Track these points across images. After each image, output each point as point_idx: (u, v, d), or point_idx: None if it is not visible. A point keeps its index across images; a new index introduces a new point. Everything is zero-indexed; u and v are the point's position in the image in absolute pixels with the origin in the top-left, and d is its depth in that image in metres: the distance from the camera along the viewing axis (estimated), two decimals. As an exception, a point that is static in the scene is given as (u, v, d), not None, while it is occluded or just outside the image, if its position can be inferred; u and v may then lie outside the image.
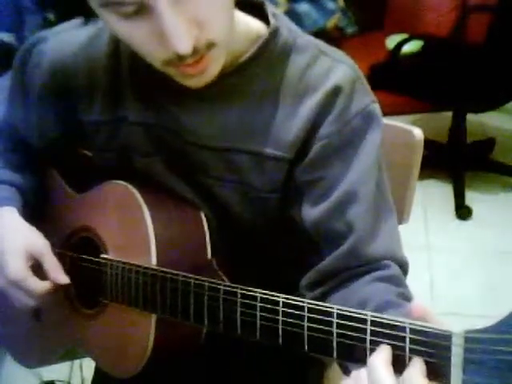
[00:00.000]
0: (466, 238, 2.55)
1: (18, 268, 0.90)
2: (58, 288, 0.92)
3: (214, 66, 0.77)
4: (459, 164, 2.87)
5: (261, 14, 0.86)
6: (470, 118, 2.87)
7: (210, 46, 0.74)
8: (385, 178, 0.87)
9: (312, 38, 0.88)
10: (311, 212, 0.85)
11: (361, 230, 0.83)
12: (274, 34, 0.84)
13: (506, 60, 2.55)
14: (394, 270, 0.84)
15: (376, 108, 0.86)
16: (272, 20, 0.85)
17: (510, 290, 2.25)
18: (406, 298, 0.80)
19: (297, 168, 0.85)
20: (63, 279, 0.92)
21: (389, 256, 0.84)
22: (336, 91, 0.83)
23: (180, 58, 0.72)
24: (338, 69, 0.84)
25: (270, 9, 0.87)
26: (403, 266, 0.86)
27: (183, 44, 0.69)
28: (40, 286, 0.91)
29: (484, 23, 2.55)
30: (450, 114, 2.91)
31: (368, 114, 0.85)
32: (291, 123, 0.84)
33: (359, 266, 0.83)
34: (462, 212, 2.67)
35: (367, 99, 0.85)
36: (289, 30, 0.86)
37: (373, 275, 0.82)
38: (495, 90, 2.65)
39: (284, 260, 0.91)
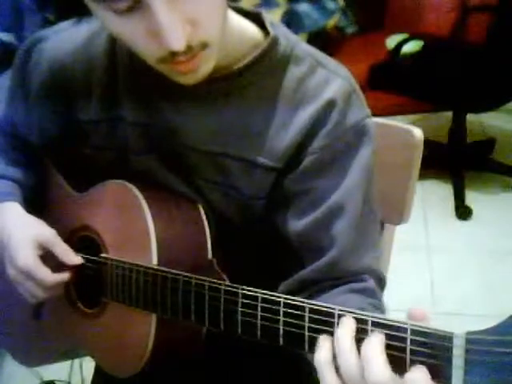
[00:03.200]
0: (465, 238, 2.56)
1: (28, 258, 0.90)
2: (67, 279, 0.93)
3: (206, 66, 0.77)
4: (459, 164, 2.88)
5: (258, 22, 0.87)
6: (470, 118, 2.88)
7: (204, 45, 0.74)
8: (373, 192, 0.88)
9: (309, 48, 0.88)
10: (297, 222, 0.85)
11: (344, 245, 0.83)
12: (274, 43, 0.85)
13: (506, 60, 2.55)
14: (369, 283, 0.85)
15: (369, 123, 0.86)
16: (271, 29, 0.85)
17: (509, 289, 2.26)
18: (379, 309, 0.81)
19: (286, 178, 0.86)
20: (77, 260, 0.93)
21: (368, 271, 0.85)
22: (331, 105, 0.83)
23: (173, 55, 0.72)
24: (334, 82, 0.85)
25: (268, 18, 0.87)
26: (381, 281, 0.87)
27: (177, 41, 0.70)
28: (50, 276, 0.91)
29: (484, 23, 2.56)
30: (450, 113, 2.91)
31: (361, 130, 0.85)
32: (284, 133, 0.84)
33: (336, 279, 0.84)
34: (462, 212, 2.67)
35: (361, 114, 0.86)
36: (287, 39, 0.86)
37: (347, 287, 0.83)
38: (495, 90, 2.65)
39: (275, 265, 0.91)
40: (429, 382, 0.60)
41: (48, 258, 0.93)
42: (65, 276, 0.92)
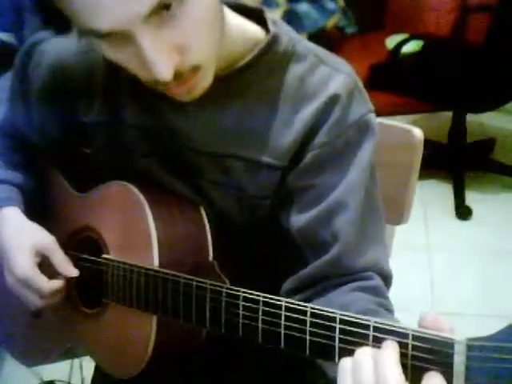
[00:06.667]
0: (465, 238, 2.55)
1: (26, 266, 0.91)
2: (65, 286, 0.93)
3: (200, 85, 0.78)
4: (459, 164, 2.87)
5: (259, 20, 0.86)
6: (470, 118, 2.87)
7: (195, 69, 0.74)
8: (377, 188, 0.87)
9: (311, 45, 0.88)
10: (298, 218, 0.85)
11: (346, 241, 0.83)
12: (274, 41, 0.84)
13: (505, 60, 2.55)
14: (376, 281, 0.84)
15: (372, 118, 0.86)
16: (272, 27, 0.85)
17: (509, 289, 2.26)
18: (387, 308, 0.81)
19: (289, 174, 0.85)
20: (73, 272, 0.93)
21: (373, 268, 0.84)
22: (333, 100, 0.83)
23: (163, 83, 0.72)
24: (337, 78, 0.84)
25: (270, 16, 0.87)
26: (387, 279, 0.86)
27: (163, 72, 0.70)
28: (48, 284, 0.91)
29: (484, 23, 2.55)
30: (450, 113, 2.91)
31: (363, 125, 0.85)
32: (288, 131, 0.84)
33: (341, 276, 0.83)
34: (462, 212, 2.67)
35: (364, 109, 0.85)
36: (289, 37, 0.86)
37: (352, 285, 0.82)
38: (495, 90, 2.65)
39: (276, 264, 0.91)
40: None
41: (47, 264, 0.93)
42: (62, 284, 0.93)
